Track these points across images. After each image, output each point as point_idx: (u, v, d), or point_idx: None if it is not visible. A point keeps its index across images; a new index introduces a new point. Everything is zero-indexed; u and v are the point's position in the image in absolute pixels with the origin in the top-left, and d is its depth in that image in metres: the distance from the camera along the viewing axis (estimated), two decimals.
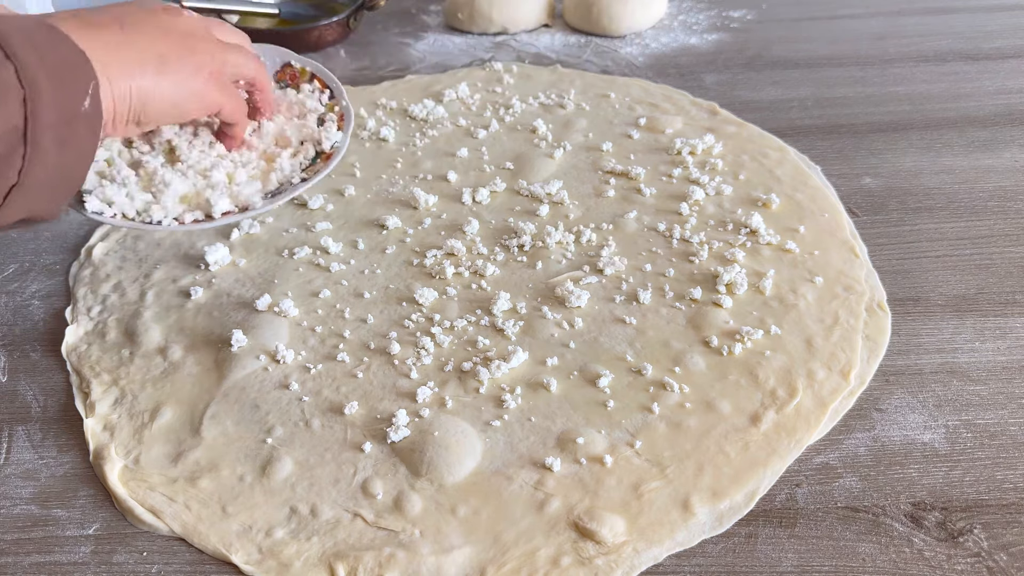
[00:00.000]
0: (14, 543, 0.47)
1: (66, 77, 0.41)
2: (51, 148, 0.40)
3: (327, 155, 0.59)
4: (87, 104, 0.41)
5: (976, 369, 0.54)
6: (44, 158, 0.40)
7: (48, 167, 0.40)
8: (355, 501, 0.48)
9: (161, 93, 0.47)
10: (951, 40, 0.92)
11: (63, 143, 0.41)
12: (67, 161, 0.42)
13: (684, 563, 0.45)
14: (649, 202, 0.69)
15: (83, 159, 0.43)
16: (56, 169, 0.41)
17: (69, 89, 0.41)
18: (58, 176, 0.42)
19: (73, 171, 0.43)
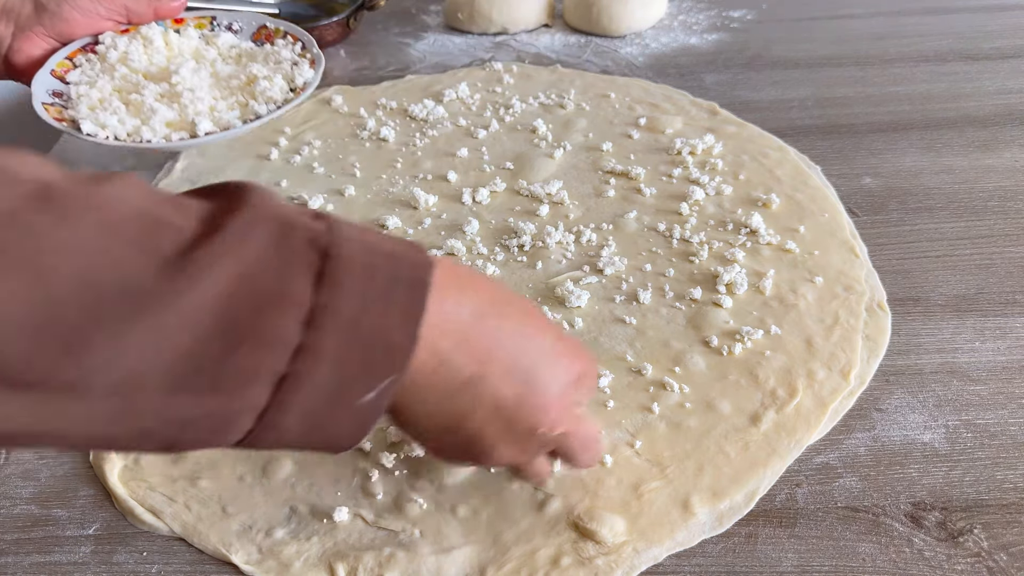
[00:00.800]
0: (14, 543, 0.47)
1: (367, 360, 0.31)
2: (291, 431, 0.31)
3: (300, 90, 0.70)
4: (370, 397, 0.31)
5: (976, 369, 0.54)
6: (280, 437, 0.31)
7: (283, 443, 0.32)
8: (355, 501, 0.47)
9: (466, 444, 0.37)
10: (951, 40, 0.92)
11: (313, 430, 0.31)
12: (312, 443, 0.33)
13: (684, 563, 0.45)
14: (649, 202, 0.69)
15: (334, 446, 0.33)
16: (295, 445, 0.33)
17: (358, 375, 0.31)
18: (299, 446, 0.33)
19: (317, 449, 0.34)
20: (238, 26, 0.78)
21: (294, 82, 0.70)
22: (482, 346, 0.35)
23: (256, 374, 0.29)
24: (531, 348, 0.37)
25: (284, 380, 0.29)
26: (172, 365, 0.27)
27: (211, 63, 0.72)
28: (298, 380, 0.29)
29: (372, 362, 0.31)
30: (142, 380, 0.27)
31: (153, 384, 0.27)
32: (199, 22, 0.77)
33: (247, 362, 0.28)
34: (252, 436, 0.30)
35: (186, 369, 0.27)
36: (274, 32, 0.76)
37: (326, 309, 0.29)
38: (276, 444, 0.32)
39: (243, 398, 0.29)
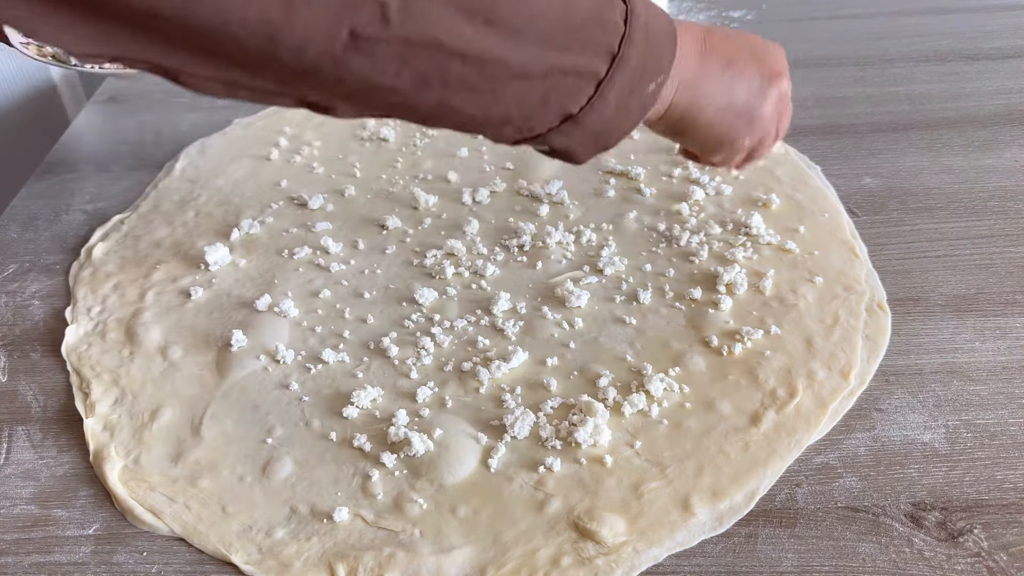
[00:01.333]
0: (14, 543, 0.47)
1: (650, 60, 0.43)
2: (609, 106, 0.43)
3: None
4: (651, 88, 0.44)
5: (976, 369, 0.54)
6: (601, 111, 0.43)
7: (602, 119, 0.43)
8: (355, 501, 0.47)
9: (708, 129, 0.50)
10: (951, 40, 0.92)
11: (619, 107, 0.43)
12: (612, 124, 0.44)
13: (684, 563, 0.45)
14: (649, 202, 0.69)
15: (620, 129, 0.45)
16: (602, 124, 0.44)
17: (648, 68, 0.43)
18: (600, 129, 0.44)
19: (610, 134, 0.45)
20: None
21: None
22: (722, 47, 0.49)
23: (600, 45, 0.41)
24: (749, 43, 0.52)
25: (614, 59, 0.41)
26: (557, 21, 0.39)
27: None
28: (621, 60, 0.41)
29: (656, 59, 0.43)
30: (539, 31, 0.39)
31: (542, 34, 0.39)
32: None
33: (596, 35, 0.41)
34: (589, 105, 0.42)
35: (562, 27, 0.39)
36: None
37: (633, 12, 0.42)
38: (598, 119, 0.43)
39: (591, 63, 0.41)
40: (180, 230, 0.69)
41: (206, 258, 0.64)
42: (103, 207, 0.73)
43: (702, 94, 0.48)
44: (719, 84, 0.49)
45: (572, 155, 0.46)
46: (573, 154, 0.46)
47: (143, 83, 0.91)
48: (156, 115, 0.86)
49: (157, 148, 0.81)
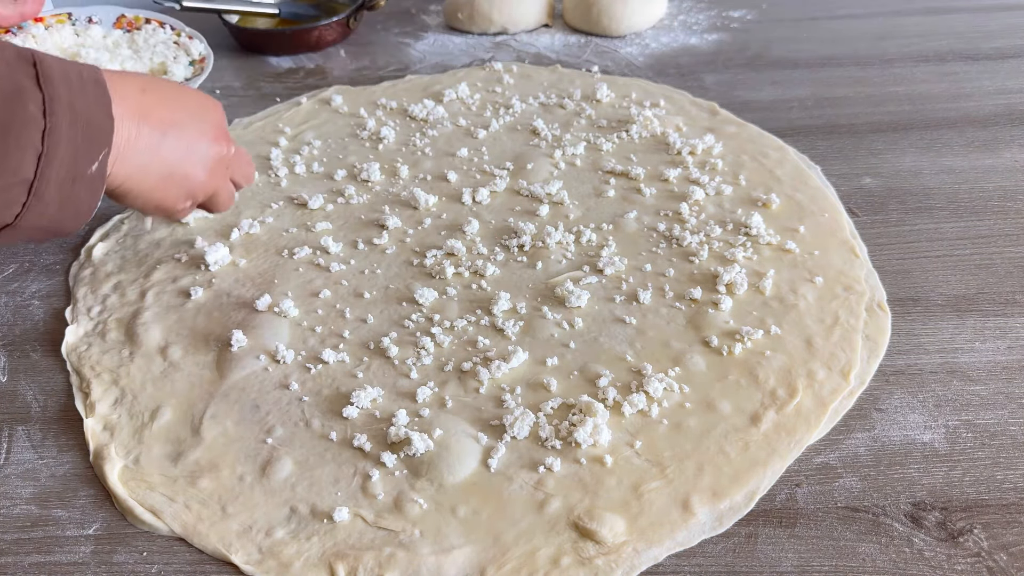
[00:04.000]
0: (14, 543, 0.47)
1: (86, 142, 0.43)
2: (52, 203, 0.43)
3: (200, 61, 0.82)
4: (94, 168, 0.44)
5: (976, 369, 0.54)
6: (43, 210, 0.43)
7: (44, 217, 0.43)
8: (355, 501, 0.47)
9: (146, 197, 0.51)
10: (951, 40, 0.92)
11: (64, 200, 0.43)
12: (64, 216, 0.44)
13: (684, 563, 0.45)
14: (649, 202, 0.69)
15: (79, 217, 0.45)
16: (51, 221, 0.44)
17: (83, 153, 0.43)
18: (51, 225, 0.45)
19: (66, 224, 0.45)
20: (97, 17, 0.88)
21: (190, 54, 0.83)
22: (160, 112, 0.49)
23: (23, 149, 0.40)
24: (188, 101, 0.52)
25: (41, 157, 0.40)
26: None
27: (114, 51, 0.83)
28: (49, 155, 0.41)
29: (90, 139, 0.43)
30: None
31: None
32: (59, 18, 0.86)
33: (13, 141, 0.39)
34: (25, 209, 0.41)
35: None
36: (135, 20, 0.87)
37: (53, 98, 0.40)
38: (40, 219, 0.43)
39: (17, 173, 0.40)
40: (180, 230, 0.69)
41: (206, 258, 0.64)
42: (103, 207, 0.73)
43: (141, 164, 0.48)
44: (157, 153, 0.49)
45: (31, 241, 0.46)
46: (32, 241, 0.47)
47: None
48: None
49: None
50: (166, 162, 0.50)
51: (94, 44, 0.85)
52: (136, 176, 0.48)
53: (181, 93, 0.52)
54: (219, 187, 0.56)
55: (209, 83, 0.91)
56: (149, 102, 0.48)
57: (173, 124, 0.50)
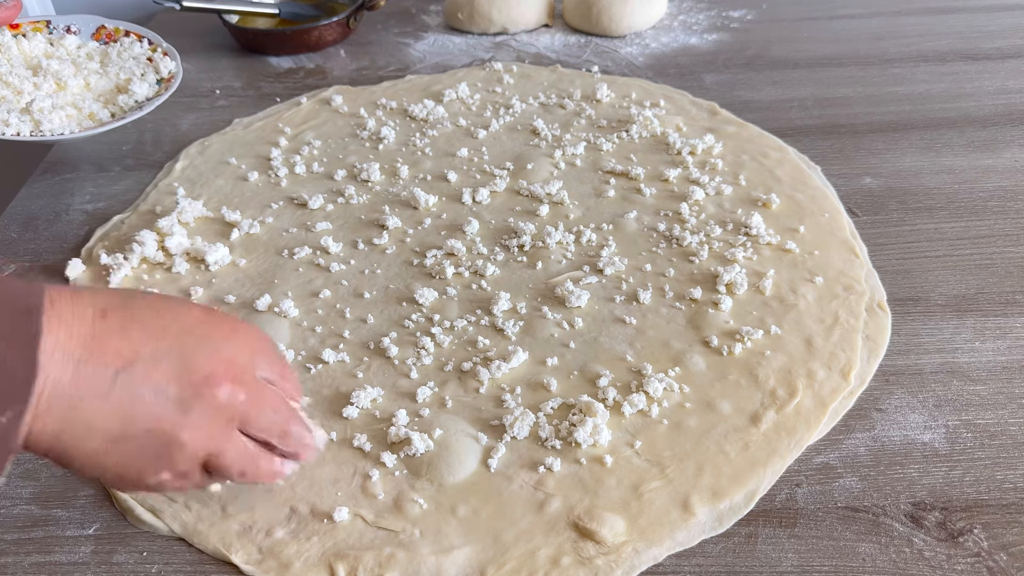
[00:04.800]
0: (14, 543, 0.47)
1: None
2: None
3: (168, 80, 0.80)
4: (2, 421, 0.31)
5: (976, 369, 0.54)
6: None
7: None
8: (355, 501, 0.47)
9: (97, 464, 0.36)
10: (951, 40, 0.92)
11: None
12: None
13: (684, 563, 0.45)
14: (649, 202, 0.69)
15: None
16: None
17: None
18: None
19: None
20: (76, 27, 0.85)
21: (159, 72, 0.81)
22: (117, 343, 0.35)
23: None
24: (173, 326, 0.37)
25: None
26: None
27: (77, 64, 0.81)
28: None
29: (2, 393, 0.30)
30: None
31: None
32: (35, 26, 0.83)
33: None
34: None
35: None
36: (114, 32, 0.85)
37: None
38: None
39: None
40: None
41: (206, 258, 0.64)
42: (103, 207, 0.73)
43: (79, 419, 0.34)
44: (106, 402, 0.34)
45: None
46: None
47: None
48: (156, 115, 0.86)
49: (157, 148, 0.81)
50: (118, 415, 0.35)
51: (62, 56, 0.82)
52: (73, 435, 0.34)
53: (173, 314, 0.38)
54: (222, 447, 0.39)
55: (209, 83, 0.91)
56: (106, 329, 0.35)
57: (135, 359, 0.35)
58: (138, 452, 0.36)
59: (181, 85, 0.81)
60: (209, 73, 0.94)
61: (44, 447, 0.34)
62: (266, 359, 0.41)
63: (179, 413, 0.36)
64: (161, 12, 1.05)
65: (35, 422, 0.33)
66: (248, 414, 0.39)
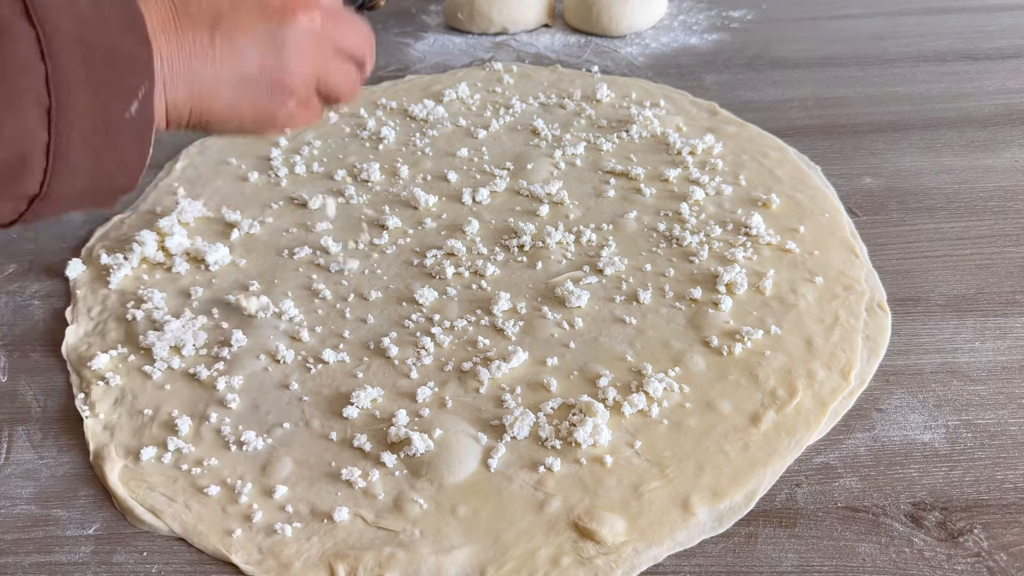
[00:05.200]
0: (14, 543, 0.47)
1: (112, 75, 0.34)
2: (83, 162, 0.34)
3: None
4: (133, 110, 0.35)
5: (976, 369, 0.54)
6: (75, 170, 0.34)
7: (79, 180, 0.35)
8: (355, 501, 0.47)
9: (231, 117, 0.41)
10: (951, 40, 0.92)
11: (99, 155, 0.35)
12: (105, 175, 0.36)
13: (684, 563, 0.45)
14: (649, 202, 0.69)
15: (129, 172, 0.37)
16: (91, 182, 0.36)
17: (112, 91, 0.34)
18: (96, 186, 0.36)
19: (116, 181, 0.37)
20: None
21: None
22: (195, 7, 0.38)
23: (20, 102, 0.31)
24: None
25: (51, 111, 0.32)
26: None
27: None
28: (62, 107, 0.32)
29: (118, 76, 0.34)
30: None
31: None
32: None
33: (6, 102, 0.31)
34: (50, 176, 0.33)
35: None
36: None
37: (50, 34, 0.31)
38: (73, 184, 0.34)
39: (22, 129, 0.31)
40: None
41: (206, 258, 0.64)
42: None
43: (199, 80, 0.38)
44: (214, 60, 0.38)
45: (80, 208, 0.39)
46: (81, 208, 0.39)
47: None
48: None
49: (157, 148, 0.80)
50: (229, 65, 0.39)
51: None
52: (204, 96, 0.39)
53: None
54: (325, 68, 0.43)
55: None
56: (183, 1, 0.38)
57: (219, 15, 0.39)
58: (262, 91, 0.40)
59: None
60: None
61: (184, 114, 0.39)
62: None
63: (277, 47, 0.40)
64: None
65: (168, 92, 0.37)
66: (335, 34, 0.43)
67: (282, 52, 0.40)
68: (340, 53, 0.44)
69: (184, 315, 0.60)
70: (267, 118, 0.42)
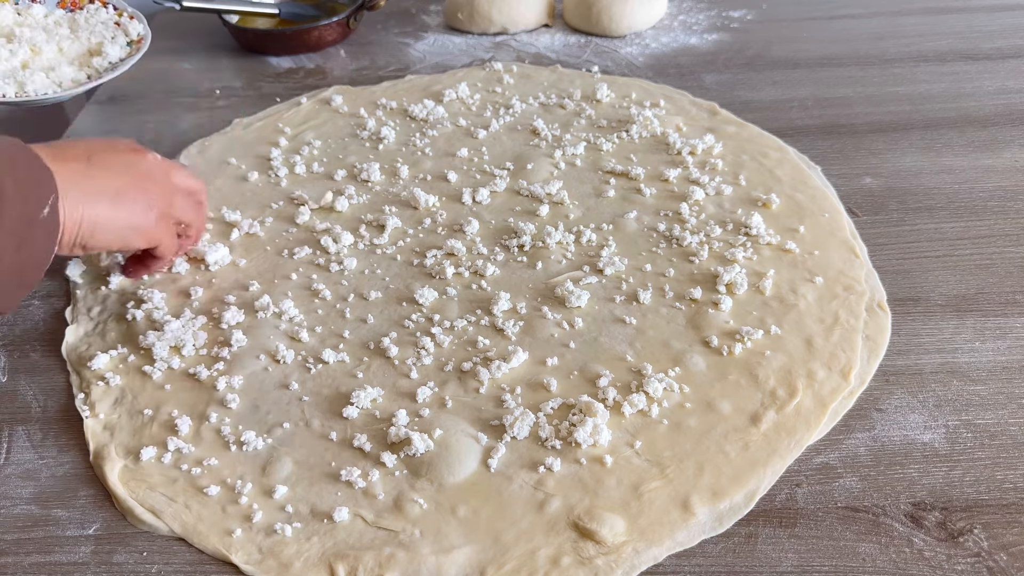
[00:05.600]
0: (14, 543, 0.47)
1: (30, 186, 0.46)
2: (8, 249, 0.44)
3: (138, 41, 0.83)
4: (46, 212, 0.46)
5: (976, 369, 0.54)
6: (1, 257, 0.44)
7: (4, 266, 0.45)
8: (355, 501, 0.47)
9: (111, 224, 0.52)
10: (951, 40, 0.92)
11: (21, 245, 0.45)
12: (23, 261, 0.46)
13: (684, 563, 0.45)
14: (649, 202, 0.69)
15: (38, 263, 0.47)
16: (11, 269, 0.45)
17: (31, 196, 0.46)
18: (13, 276, 0.46)
19: (28, 273, 0.47)
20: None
21: (128, 35, 0.83)
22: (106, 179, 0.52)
23: None
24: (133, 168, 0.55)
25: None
26: None
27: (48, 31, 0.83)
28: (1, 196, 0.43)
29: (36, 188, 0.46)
30: None
31: None
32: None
33: None
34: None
35: None
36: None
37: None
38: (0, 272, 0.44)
39: None
40: None
41: (206, 258, 0.64)
42: None
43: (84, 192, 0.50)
44: (92, 177, 0.51)
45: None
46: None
47: (143, 83, 0.91)
48: (156, 115, 0.86)
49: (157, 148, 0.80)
50: (106, 179, 0.52)
51: (33, 24, 0.83)
52: (90, 205, 0.50)
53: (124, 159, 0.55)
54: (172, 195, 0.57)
55: (209, 83, 0.91)
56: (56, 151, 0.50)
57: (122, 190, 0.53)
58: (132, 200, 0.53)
59: (181, 85, 0.81)
60: (209, 73, 0.94)
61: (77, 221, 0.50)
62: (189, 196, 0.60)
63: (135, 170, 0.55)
64: (161, 12, 1.05)
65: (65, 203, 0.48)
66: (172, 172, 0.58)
67: (139, 173, 0.54)
68: (180, 188, 0.58)
69: (184, 315, 0.60)
70: (140, 222, 0.54)
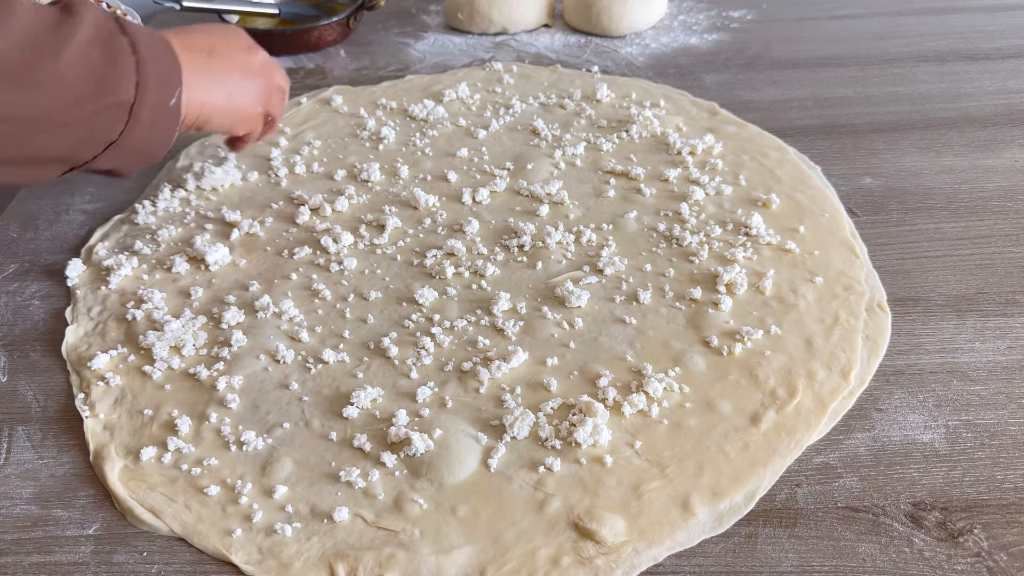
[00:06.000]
0: (14, 543, 0.47)
1: (165, 78, 0.53)
2: (145, 124, 0.52)
3: None
4: (173, 102, 0.54)
5: (976, 369, 0.54)
6: (139, 130, 0.51)
7: (139, 137, 0.52)
8: (355, 501, 0.47)
9: (223, 113, 0.60)
10: (951, 40, 0.92)
11: (154, 124, 0.53)
12: (152, 138, 0.54)
13: (684, 563, 0.45)
14: (649, 202, 0.69)
15: (163, 141, 0.55)
16: (143, 141, 0.53)
17: (165, 87, 0.53)
18: (143, 146, 0.53)
19: (153, 148, 0.54)
20: None
21: None
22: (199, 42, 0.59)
23: (124, 78, 0.50)
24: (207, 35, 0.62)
25: (139, 84, 0.51)
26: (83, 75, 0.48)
27: None
28: (143, 84, 0.51)
29: (168, 79, 0.53)
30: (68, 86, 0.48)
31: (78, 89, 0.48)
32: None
33: (118, 71, 0.50)
34: (127, 129, 0.51)
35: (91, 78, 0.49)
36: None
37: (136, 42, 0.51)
38: (135, 139, 0.52)
39: (120, 95, 0.50)
40: (180, 230, 0.69)
41: (206, 258, 0.64)
42: (103, 207, 0.73)
43: (205, 82, 0.58)
44: (212, 68, 0.59)
45: (118, 173, 0.55)
46: (119, 172, 0.55)
47: None
48: None
49: None
50: (224, 70, 0.60)
51: None
52: (210, 92, 0.58)
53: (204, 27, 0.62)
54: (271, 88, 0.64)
55: None
56: (186, 40, 0.58)
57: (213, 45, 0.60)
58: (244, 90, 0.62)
59: None
60: None
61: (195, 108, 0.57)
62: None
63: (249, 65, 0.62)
64: (161, 12, 1.05)
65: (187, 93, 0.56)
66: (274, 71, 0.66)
67: (252, 70, 0.62)
68: (280, 86, 0.66)
69: (184, 315, 0.60)
70: (248, 110, 0.62)
